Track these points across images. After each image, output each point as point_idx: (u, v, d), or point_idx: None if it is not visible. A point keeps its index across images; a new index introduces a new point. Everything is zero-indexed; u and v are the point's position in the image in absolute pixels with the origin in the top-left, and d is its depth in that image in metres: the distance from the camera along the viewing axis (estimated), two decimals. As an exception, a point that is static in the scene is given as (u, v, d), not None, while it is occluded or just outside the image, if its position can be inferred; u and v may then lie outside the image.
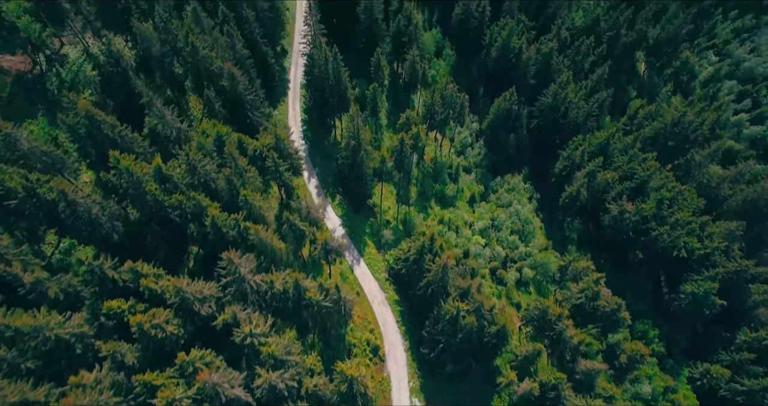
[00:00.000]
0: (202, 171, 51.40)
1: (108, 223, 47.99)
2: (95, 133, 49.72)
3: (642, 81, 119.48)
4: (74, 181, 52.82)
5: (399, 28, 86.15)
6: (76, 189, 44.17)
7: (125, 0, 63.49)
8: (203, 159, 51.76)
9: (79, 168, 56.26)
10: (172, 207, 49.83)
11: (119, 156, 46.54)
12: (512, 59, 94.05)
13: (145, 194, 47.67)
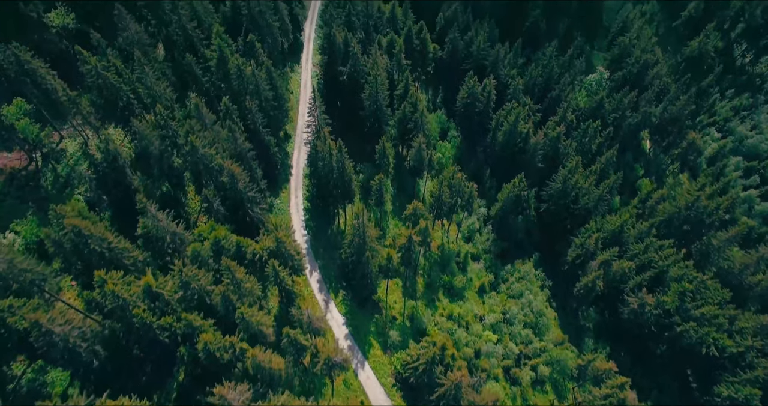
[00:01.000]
0: (196, 286, 47.29)
1: (88, 349, 43.25)
2: (82, 248, 46.09)
3: (648, 158, 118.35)
4: (56, 295, 48.52)
5: (404, 114, 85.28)
6: (52, 318, 39.79)
7: (126, 97, 62.11)
8: (197, 273, 47.76)
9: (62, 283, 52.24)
10: (160, 328, 45.25)
11: (105, 276, 42.59)
12: (519, 143, 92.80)
13: (132, 317, 43.25)
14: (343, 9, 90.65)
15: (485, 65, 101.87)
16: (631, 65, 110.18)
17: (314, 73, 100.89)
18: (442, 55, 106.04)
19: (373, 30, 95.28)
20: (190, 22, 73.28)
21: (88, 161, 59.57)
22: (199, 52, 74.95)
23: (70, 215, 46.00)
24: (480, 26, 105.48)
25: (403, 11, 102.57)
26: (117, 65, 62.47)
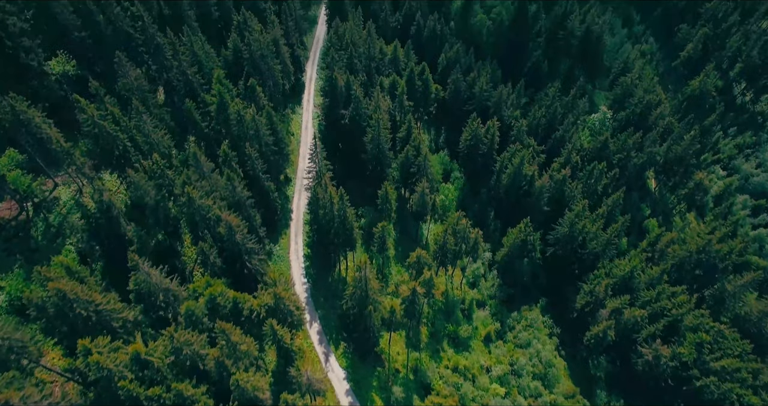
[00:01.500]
0: (189, 352, 44.34)
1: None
2: (67, 311, 43.39)
3: (654, 198, 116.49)
4: (36, 360, 45.49)
5: (407, 158, 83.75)
6: (26, 397, 36.74)
7: (123, 145, 60.53)
8: (190, 338, 44.88)
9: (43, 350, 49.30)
10: (149, 400, 42.05)
11: (90, 345, 39.76)
12: (524, 186, 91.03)
13: (118, 389, 40.18)
14: (345, 51, 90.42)
15: (488, 106, 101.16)
16: (634, 105, 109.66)
17: (315, 115, 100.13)
18: (445, 96, 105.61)
19: (375, 71, 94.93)
20: (190, 68, 72.60)
21: (81, 212, 57.52)
22: (199, 97, 73.97)
23: (56, 276, 43.50)
24: (482, 67, 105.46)
25: (405, 52, 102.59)
26: (115, 113, 61.17)
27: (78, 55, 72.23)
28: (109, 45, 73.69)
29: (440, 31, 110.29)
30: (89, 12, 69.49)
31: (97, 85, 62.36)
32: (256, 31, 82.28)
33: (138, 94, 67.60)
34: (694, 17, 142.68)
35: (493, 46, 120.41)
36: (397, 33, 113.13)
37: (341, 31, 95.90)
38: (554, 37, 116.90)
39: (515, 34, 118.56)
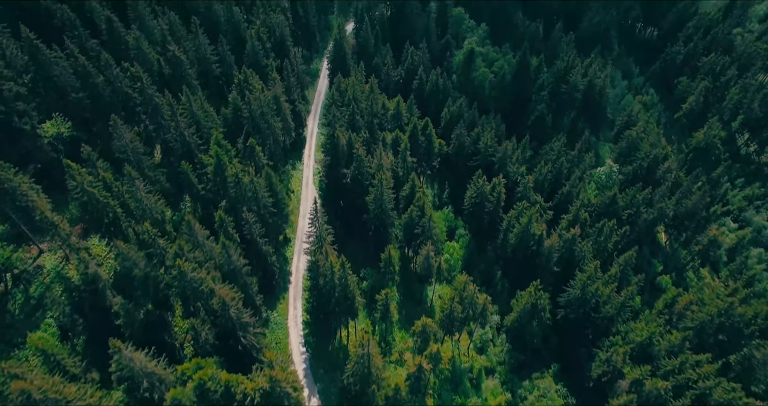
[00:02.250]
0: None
1: None
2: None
3: (665, 252, 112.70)
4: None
5: (411, 218, 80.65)
6: None
7: (113, 213, 57.50)
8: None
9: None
10: None
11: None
12: (533, 246, 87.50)
13: None
14: (347, 108, 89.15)
15: (493, 162, 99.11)
16: (641, 160, 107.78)
17: (316, 171, 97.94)
18: (448, 151, 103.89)
19: (377, 127, 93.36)
20: (188, 129, 70.67)
21: (64, 285, 53.86)
22: (196, 158, 71.64)
23: (22, 372, 39.21)
24: (486, 122, 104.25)
25: (407, 107, 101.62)
26: (106, 179, 58.53)
27: (74, 115, 70.65)
28: (106, 105, 72.20)
29: (443, 86, 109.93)
30: (88, 74, 68.23)
31: (89, 150, 60.03)
32: (257, 89, 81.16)
33: (133, 156, 65.24)
34: (692, 70, 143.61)
35: (496, 99, 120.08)
36: (400, 87, 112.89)
37: (343, 87, 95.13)
38: (557, 91, 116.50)
39: (518, 88, 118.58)
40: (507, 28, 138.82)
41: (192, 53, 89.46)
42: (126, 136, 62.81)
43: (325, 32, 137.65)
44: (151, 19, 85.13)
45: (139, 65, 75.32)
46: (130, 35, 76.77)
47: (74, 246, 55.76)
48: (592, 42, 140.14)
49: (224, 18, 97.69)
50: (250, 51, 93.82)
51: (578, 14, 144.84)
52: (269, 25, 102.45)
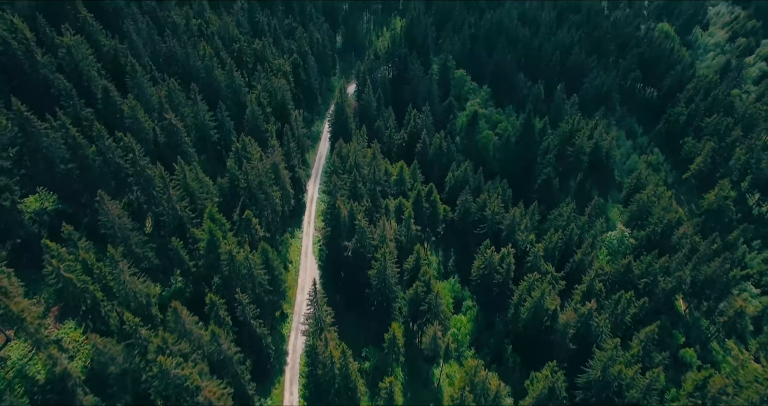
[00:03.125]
0: None
1: None
2: None
3: (686, 322, 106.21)
4: None
5: (417, 294, 75.36)
6: None
7: (92, 300, 52.41)
8: None
9: None
10: None
11: None
12: (546, 321, 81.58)
13: None
14: (349, 175, 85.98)
15: (500, 229, 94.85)
16: (654, 225, 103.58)
17: (316, 239, 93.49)
18: (454, 217, 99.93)
19: (380, 195, 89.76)
20: (180, 202, 66.81)
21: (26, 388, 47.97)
22: (188, 233, 67.36)
23: None
24: (492, 188, 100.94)
25: (411, 172, 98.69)
26: (87, 260, 53.90)
27: (62, 187, 67.07)
28: (96, 176, 68.88)
29: (446, 149, 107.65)
30: (78, 145, 65.27)
31: (70, 230, 55.82)
32: (255, 158, 78.23)
33: (120, 233, 60.94)
34: (696, 130, 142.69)
35: (501, 161, 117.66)
36: (402, 150, 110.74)
37: (344, 153, 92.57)
38: (563, 153, 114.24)
39: (523, 150, 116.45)
40: (509, 89, 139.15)
41: (190, 119, 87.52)
42: (113, 212, 58.77)
43: (327, 94, 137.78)
44: (149, 87, 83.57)
45: (133, 135, 72.80)
46: (126, 104, 74.61)
47: (43, 341, 50.16)
48: (595, 102, 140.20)
49: (225, 83, 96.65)
50: (250, 116, 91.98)
51: (578, 75, 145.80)
52: (270, 89, 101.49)
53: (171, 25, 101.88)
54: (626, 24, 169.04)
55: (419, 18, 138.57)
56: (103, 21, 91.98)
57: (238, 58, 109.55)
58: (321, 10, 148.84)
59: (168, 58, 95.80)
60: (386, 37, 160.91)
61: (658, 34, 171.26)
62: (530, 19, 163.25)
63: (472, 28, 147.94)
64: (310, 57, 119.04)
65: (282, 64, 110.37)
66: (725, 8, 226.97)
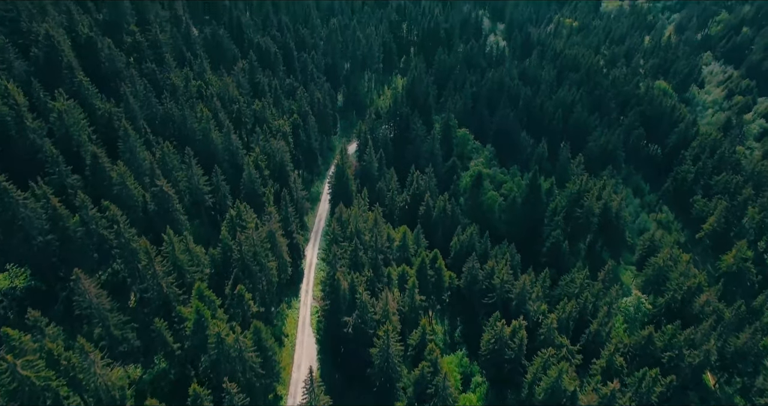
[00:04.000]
0: None
1: None
2: None
3: (718, 398, 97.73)
4: None
5: (423, 376, 68.49)
6: None
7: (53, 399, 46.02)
8: None
9: None
10: None
11: None
12: (565, 403, 74.12)
13: None
14: (349, 244, 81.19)
15: (510, 298, 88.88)
16: (673, 291, 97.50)
17: (314, 310, 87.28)
18: (460, 284, 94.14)
19: (382, 263, 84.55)
20: (166, 278, 61.59)
21: None
22: (174, 311, 61.65)
23: None
24: (500, 253, 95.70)
25: (414, 237, 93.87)
26: (54, 350, 47.98)
27: (36, 262, 62.10)
28: (77, 248, 64.09)
29: (451, 212, 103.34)
30: (59, 216, 60.91)
31: (37, 316, 50.25)
32: (251, 226, 73.73)
33: (97, 314, 55.34)
34: (705, 188, 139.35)
35: (507, 223, 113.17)
36: (405, 212, 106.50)
37: (345, 218, 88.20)
38: (572, 215, 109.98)
39: (529, 212, 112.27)
40: (512, 148, 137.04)
41: (184, 184, 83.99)
42: (90, 291, 53.46)
43: (328, 153, 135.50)
44: (142, 151, 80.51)
45: (121, 202, 69.41)
46: (115, 170, 71.02)
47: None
48: (600, 161, 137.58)
49: (222, 146, 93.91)
50: (247, 180, 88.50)
51: (581, 133, 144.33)
52: (268, 151, 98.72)
53: (170, 86, 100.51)
54: (625, 82, 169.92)
55: (420, 77, 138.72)
56: (100, 83, 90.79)
57: (237, 119, 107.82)
58: (322, 70, 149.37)
59: (164, 121, 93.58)
60: (387, 95, 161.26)
61: (657, 92, 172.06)
62: (531, 78, 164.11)
63: (474, 87, 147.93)
64: (310, 117, 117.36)
65: (282, 125, 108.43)
66: (717, 67, 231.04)
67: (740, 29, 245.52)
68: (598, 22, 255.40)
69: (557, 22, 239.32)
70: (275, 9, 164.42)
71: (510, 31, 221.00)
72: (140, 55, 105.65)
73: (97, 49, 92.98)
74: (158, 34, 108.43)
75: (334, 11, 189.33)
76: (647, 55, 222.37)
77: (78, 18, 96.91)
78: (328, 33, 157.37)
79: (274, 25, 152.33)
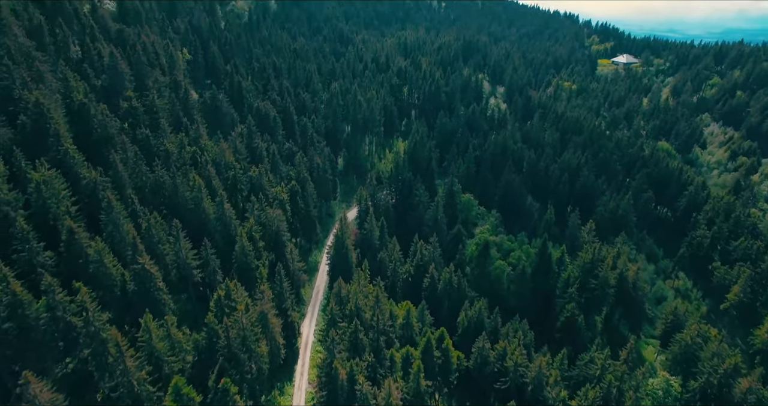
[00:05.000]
0: None
1: None
2: None
3: None
4: None
5: None
6: None
7: None
8: None
9: None
10: None
11: None
12: None
13: None
14: (349, 324, 73.65)
15: (525, 382, 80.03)
16: (707, 375, 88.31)
17: (309, 396, 77.97)
18: (469, 366, 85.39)
19: (384, 345, 76.52)
20: (139, 372, 53.81)
21: None
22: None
23: None
24: (511, 331, 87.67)
25: (419, 314, 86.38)
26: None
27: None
28: (38, 337, 56.67)
29: (457, 284, 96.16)
30: (20, 303, 54.13)
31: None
32: (240, 308, 66.54)
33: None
34: (723, 254, 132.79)
35: (516, 294, 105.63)
36: (408, 285, 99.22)
37: (344, 294, 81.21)
38: (586, 286, 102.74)
39: (540, 282, 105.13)
40: (518, 213, 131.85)
41: (171, 257, 77.78)
42: (42, 397, 45.67)
43: (327, 219, 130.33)
44: (126, 223, 74.86)
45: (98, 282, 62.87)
46: (92, 247, 64.96)
47: None
48: (611, 226, 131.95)
49: (214, 216, 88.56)
50: (239, 253, 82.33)
51: (588, 197, 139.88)
52: (264, 221, 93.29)
53: (163, 153, 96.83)
54: (629, 144, 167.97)
55: (423, 141, 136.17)
56: (90, 151, 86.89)
57: (232, 186, 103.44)
58: (323, 133, 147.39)
59: (155, 189, 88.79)
60: (389, 159, 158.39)
61: (662, 154, 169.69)
62: (533, 140, 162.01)
63: (477, 151, 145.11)
64: (309, 183, 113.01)
65: (279, 192, 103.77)
66: (717, 129, 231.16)
67: (734, 92, 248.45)
68: (595, 85, 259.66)
69: (557, 86, 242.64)
70: (276, 74, 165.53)
71: (510, 94, 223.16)
72: (135, 121, 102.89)
73: (89, 116, 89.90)
74: (155, 100, 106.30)
75: (335, 75, 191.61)
76: (647, 116, 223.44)
77: (74, 84, 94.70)
78: (329, 97, 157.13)
79: (275, 89, 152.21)
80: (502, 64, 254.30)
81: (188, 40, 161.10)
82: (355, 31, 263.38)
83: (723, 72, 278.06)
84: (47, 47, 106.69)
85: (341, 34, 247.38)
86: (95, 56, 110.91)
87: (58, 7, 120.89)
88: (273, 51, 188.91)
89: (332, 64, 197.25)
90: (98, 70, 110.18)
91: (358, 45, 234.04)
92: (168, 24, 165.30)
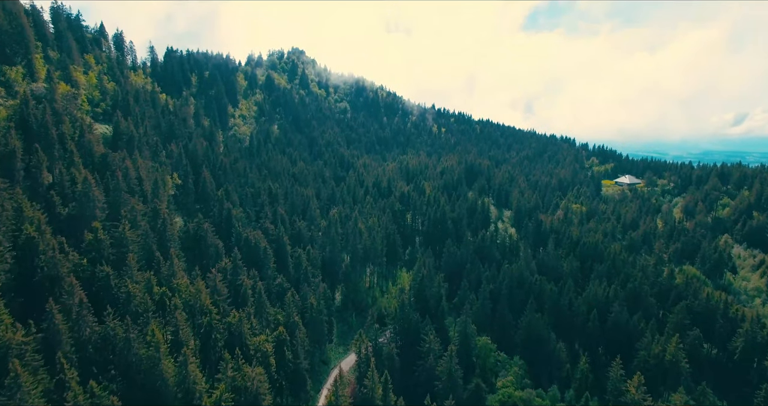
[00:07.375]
0: None
1: None
2: None
3: None
4: None
5: None
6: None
7: None
8: None
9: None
10: None
11: None
12: None
13: None
14: None
15: None
16: None
17: None
18: None
19: None
20: None
21: None
22: None
23: None
24: None
25: None
26: None
27: None
28: None
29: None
30: None
31: None
32: None
33: None
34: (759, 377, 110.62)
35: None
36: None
37: None
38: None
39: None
40: (545, 359, 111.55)
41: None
42: None
43: (321, 368, 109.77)
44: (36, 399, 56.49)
45: None
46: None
47: None
48: (660, 375, 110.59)
49: (174, 379, 70.05)
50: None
51: (623, 337, 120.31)
52: (239, 384, 74.32)
53: (124, 295, 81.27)
54: (657, 272, 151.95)
55: (430, 276, 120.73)
56: (30, 297, 71.76)
57: (206, 336, 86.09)
58: (319, 265, 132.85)
59: (100, 347, 71.47)
60: (392, 292, 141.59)
61: (696, 282, 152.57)
62: (550, 270, 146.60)
63: (491, 284, 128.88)
64: (300, 329, 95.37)
65: (262, 343, 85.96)
66: (743, 251, 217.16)
67: (750, 213, 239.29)
68: (604, 206, 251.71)
69: (566, 208, 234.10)
70: (272, 200, 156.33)
71: (518, 218, 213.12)
72: (98, 256, 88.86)
73: (37, 252, 76.22)
74: (125, 231, 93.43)
75: (335, 200, 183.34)
76: (665, 239, 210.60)
77: (30, 214, 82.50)
78: (327, 224, 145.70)
79: (268, 216, 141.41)
80: (507, 188, 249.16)
81: (180, 164, 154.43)
82: (356, 155, 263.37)
83: (731, 192, 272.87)
84: (16, 173, 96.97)
85: (342, 158, 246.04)
86: (67, 182, 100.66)
87: (42, 133, 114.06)
88: (270, 175, 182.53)
89: (332, 189, 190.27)
90: (68, 197, 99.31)
91: (359, 169, 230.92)
92: (162, 148, 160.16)
